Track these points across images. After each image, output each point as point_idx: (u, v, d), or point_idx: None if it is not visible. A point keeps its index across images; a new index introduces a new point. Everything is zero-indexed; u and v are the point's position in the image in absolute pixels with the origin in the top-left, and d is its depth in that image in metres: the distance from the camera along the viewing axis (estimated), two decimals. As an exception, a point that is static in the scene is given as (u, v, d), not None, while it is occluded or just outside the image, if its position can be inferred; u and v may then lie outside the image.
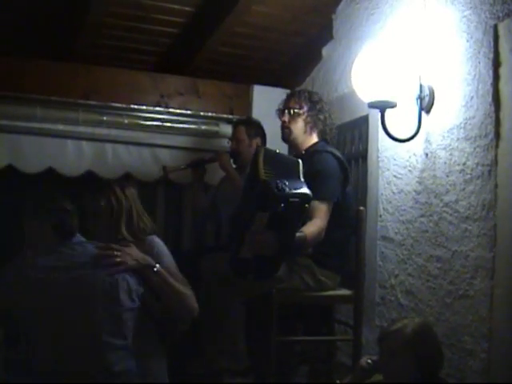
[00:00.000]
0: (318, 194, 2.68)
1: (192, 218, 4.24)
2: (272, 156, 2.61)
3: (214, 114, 4.14)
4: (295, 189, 2.46)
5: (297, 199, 2.46)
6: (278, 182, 2.43)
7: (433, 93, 2.81)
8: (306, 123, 3.05)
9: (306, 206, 2.52)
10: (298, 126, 3.05)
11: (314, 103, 3.08)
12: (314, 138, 3.09)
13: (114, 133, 3.93)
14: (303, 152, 3.03)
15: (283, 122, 3.07)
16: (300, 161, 2.64)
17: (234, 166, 3.71)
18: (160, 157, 4.05)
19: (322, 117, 3.07)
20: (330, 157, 2.94)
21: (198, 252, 3.56)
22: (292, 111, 3.04)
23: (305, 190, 2.50)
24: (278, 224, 2.49)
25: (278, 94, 3.54)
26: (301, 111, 3.04)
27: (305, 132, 3.06)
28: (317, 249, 2.89)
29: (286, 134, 3.08)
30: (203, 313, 2.74)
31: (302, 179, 2.55)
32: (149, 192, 4.14)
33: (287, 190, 2.42)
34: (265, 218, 2.47)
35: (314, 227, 2.73)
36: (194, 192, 3.95)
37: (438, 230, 2.77)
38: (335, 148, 3.11)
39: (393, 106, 2.81)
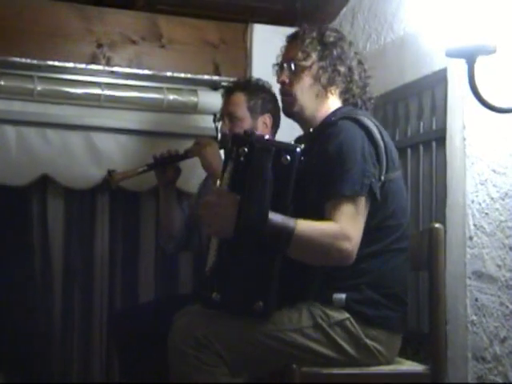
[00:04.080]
0: (334, 187, 2.70)
1: (156, 247, 4.22)
2: None
3: (188, 75, 4.17)
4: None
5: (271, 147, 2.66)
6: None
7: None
8: (317, 80, 3.02)
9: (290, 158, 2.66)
10: (306, 88, 3.02)
11: (329, 46, 3.01)
12: (335, 104, 3.05)
13: (18, 108, 3.90)
14: (311, 130, 3.02)
15: (282, 84, 3.05)
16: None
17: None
18: (99, 146, 4.10)
19: (343, 68, 3.01)
20: (351, 125, 2.86)
21: (165, 304, 3.58)
22: (294, 64, 3.02)
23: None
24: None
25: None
26: (308, 62, 3.00)
27: (317, 96, 3.02)
28: (354, 289, 2.78)
29: (288, 103, 3.05)
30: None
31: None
32: (83, 205, 4.19)
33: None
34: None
35: (322, 226, 2.67)
36: (161, 204, 3.91)
37: None
38: (369, 117, 3.00)
39: (489, 52, 2.76)
